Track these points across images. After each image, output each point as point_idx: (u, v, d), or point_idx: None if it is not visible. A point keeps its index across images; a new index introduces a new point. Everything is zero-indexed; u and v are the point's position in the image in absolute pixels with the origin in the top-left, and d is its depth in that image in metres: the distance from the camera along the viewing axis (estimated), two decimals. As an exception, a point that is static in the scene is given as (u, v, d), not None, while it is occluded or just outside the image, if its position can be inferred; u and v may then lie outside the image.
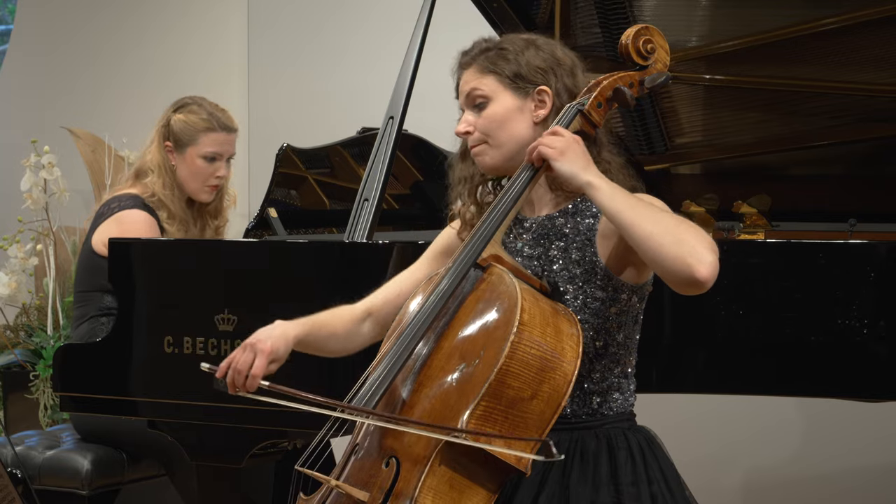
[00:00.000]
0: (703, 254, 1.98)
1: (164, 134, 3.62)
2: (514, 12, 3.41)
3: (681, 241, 1.99)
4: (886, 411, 3.32)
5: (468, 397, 2.00)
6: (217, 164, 3.62)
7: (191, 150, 3.60)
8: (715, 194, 3.46)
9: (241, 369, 2.14)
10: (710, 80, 3.52)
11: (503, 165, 2.25)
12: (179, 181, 3.62)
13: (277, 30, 5.72)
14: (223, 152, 3.63)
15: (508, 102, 2.22)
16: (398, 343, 2.11)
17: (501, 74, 2.22)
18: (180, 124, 3.61)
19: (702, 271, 1.98)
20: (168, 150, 3.61)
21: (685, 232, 2.01)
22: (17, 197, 4.74)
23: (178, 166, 3.61)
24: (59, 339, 4.62)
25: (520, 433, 2.02)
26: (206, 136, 3.60)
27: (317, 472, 2.11)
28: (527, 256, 2.23)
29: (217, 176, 3.62)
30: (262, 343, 2.16)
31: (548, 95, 2.22)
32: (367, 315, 2.34)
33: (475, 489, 2.02)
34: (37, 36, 5.32)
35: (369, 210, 3.08)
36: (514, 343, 2.00)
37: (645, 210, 2.03)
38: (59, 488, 3.44)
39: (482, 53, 2.25)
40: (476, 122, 2.24)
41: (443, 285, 2.12)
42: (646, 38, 2.25)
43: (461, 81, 2.27)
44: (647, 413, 2.37)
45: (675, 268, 1.99)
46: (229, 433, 3.08)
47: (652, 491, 2.14)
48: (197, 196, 3.64)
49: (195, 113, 3.63)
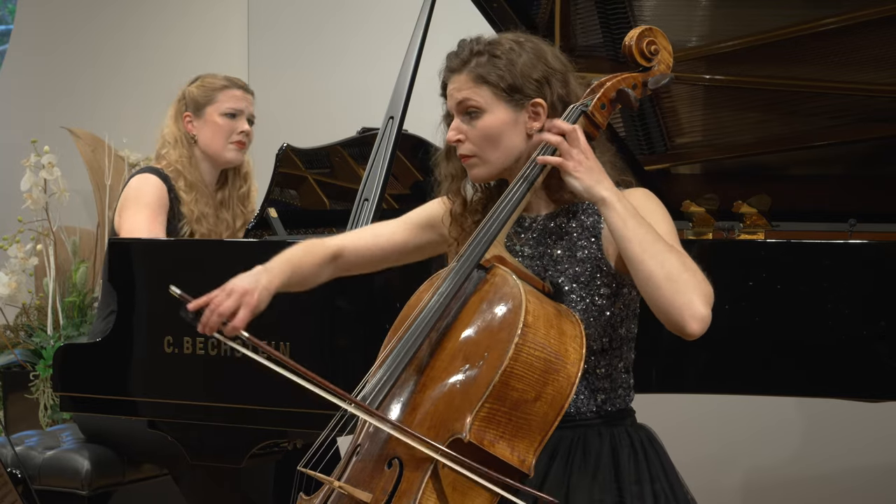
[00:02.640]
0: (697, 308, 2.00)
1: (181, 107, 3.64)
2: (514, 12, 3.40)
3: (680, 290, 2.00)
4: (886, 411, 3.32)
5: (472, 399, 2.00)
6: (238, 120, 3.64)
7: (210, 109, 3.61)
8: (715, 194, 3.45)
9: (223, 313, 2.11)
10: (710, 80, 3.52)
11: (495, 176, 2.26)
12: (203, 148, 3.61)
13: (277, 30, 5.72)
14: (243, 108, 3.65)
15: (503, 115, 2.21)
16: (402, 343, 2.11)
17: (497, 87, 2.19)
18: (196, 90, 3.65)
19: (693, 327, 2.01)
20: (187, 121, 3.62)
21: (686, 281, 2.01)
22: (17, 197, 4.75)
23: (200, 133, 3.61)
24: (59, 339, 4.62)
25: (523, 435, 2.02)
26: (223, 94, 3.63)
27: (319, 473, 2.11)
28: (528, 257, 2.23)
29: (241, 131, 3.63)
30: (249, 296, 2.13)
31: (542, 108, 2.21)
32: (335, 257, 2.34)
33: (478, 490, 2.01)
34: (37, 36, 5.33)
35: (369, 210, 3.07)
36: (519, 345, 2.00)
37: (652, 245, 2.03)
38: (59, 488, 3.44)
39: (473, 57, 2.22)
40: (468, 133, 2.22)
41: (445, 286, 2.12)
42: (649, 39, 2.25)
43: (451, 87, 2.24)
44: (647, 413, 2.38)
45: (668, 315, 2.02)
46: (229, 433, 3.07)
47: (654, 489, 2.15)
48: (223, 155, 3.63)
49: (209, 78, 3.68)
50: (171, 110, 3.66)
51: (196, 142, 3.62)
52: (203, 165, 3.64)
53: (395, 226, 2.38)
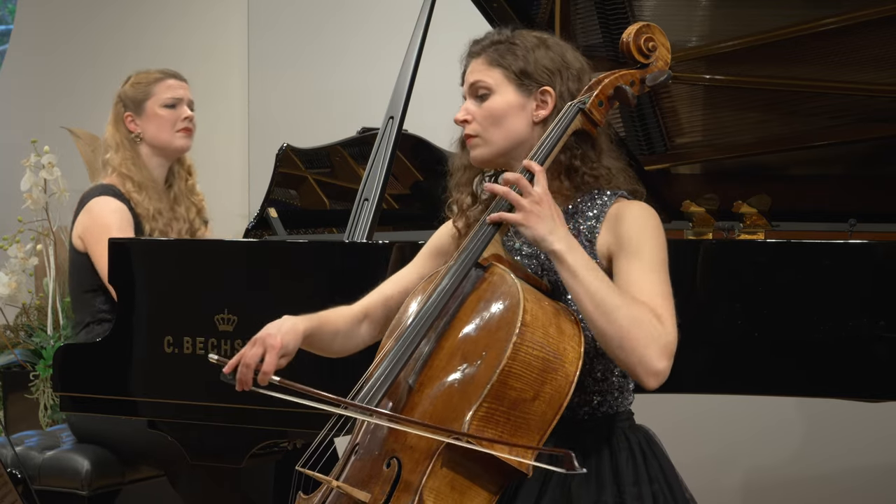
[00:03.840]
0: (650, 365, 2.03)
1: (119, 109, 3.67)
2: (514, 12, 3.40)
3: (633, 348, 2.02)
4: (886, 411, 3.32)
5: (470, 398, 1.99)
6: (179, 108, 3.66)
7: (149, 103, 3.64)
8: (715, 194, 3.45)
9: (250, 363, 2.12)
10: (710, 80, 3.52)
11: (494, 160, 2.25)
12: (151, 143, 3.63)
13: (277, 30, 5.72)
14: (181, 96, 3.67)
15: (511, 98, 2.22)
16: (399, 342, 2.11)
17: (508, 69, 2.21)
18: (131, 89, 3.67)
19: (649, 383, 2.04)
20: (129, 121, 3.64)
21: (637, 339, 2.02)
22: (17, 197, 4.74)
23: (145, 129, 3.63)
24: (59, 339, 4.62)
25: (521, 434, 2.02)
26: (158, 86, 3.66)
27: (317, 473, 2.11)
28: (526, 255, 2.23)
29: (184, 118, 3.65)
30: (272, 338, 2.14)
31: (550, 97, 2.21)
32: (364, 316, 2.34)
33: (476, 490, 2.01)
34: (37, 36, 5.33)
35: (369, 210, 3.08)
36: (517, 344, 1.99)
37: (602, 303, 2.03)
38: (59, 488, 3.44)
39: (492, 45, 2.24)
40: (475, 113, 2.23)
41: (444, 284, 2.11)
42: (647, 35, 2.25)
43: (468, 70, 2.27)
44: (647, 413, 2.37)
45: (626, 369, 2.07)
46: (229, 433, 3.07)
47: (653, 490, 2.14)
48: (172, 144, 3.64)
49: (141, 74, 3.71)
50: (110, 115, 3.69)
51: (143, 139, 3.64)
52: (152, 162, 3.65)
53: (411, 266, 2.39)
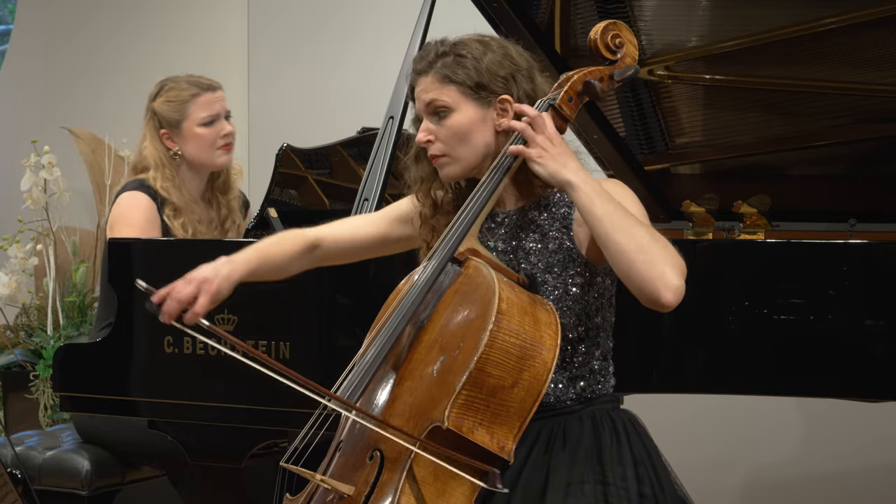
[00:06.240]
0: (670, 278, 2.02)
1: (155, 125, 3.58)
2: (514, 12, 3.40)
3: (652, 261, 2.02)
4: (886, 411, 3.32)
5: (450, 387, 2.02)
6: (218, 124, 3.59)
7: (187, 123, 3.56)
8: (715, 194, 3.46)
9: (182, 300, 2.15)
10: (710, 80, 3.52)
11: (466, 175, 2.28)
12: (191, 160, 3.57)
13: (277, 30, 5.72)
14: (218, 111, 3.59)
15: (471, 114, 2.23)
16: (379, 337, 2.15)
17: (463, 84, 2.22)
18: (165, 106, 3.57)
19: (667, 297, 2.02)
20: (166, 138, 3.57)
21: (657, 253, 2.03)
22: (17, 197, 4.74)
23: (183, 147, 3.56)
24: (59, 339, 4.62)
25: (502, 421, 2.05)
26: (194, 104, 3.57)
27: (301, 469, 2.13)
28: (501, 251, 2.26)
29: (223, 135, 3.58)
30: (208, 283, 2.18)
31: (509, 104, 2.23)
32: (313, 247, 2.36)
33: (459, 478, 2.04)
34: (37, 36, 5.32)
35: (369, 210, 3.08)
36: (493, 332, 2.03)
37: (621, 221, 2.05)
38: (59, 489, 3.44)
39: (439, 59, 2.24)
40: (437, 132, 2.24)
41: (420, 280, 2.15)
42: (614, 33, 2.28)
43: (418, 89, 2.27)
44: (648, 413, 2.38)
45: (642, 287, 2.03)
46: (229, 433, 3.08)
47: (638, 472, 2.16)
48: (214, 163, 3.59)
49: (173, 89, 3.60)
50: (145, 129, 3.60)
51: (182, 155, 3.58)
52: (191, 176, 3.60)
53: (372, 219, 2.42)
